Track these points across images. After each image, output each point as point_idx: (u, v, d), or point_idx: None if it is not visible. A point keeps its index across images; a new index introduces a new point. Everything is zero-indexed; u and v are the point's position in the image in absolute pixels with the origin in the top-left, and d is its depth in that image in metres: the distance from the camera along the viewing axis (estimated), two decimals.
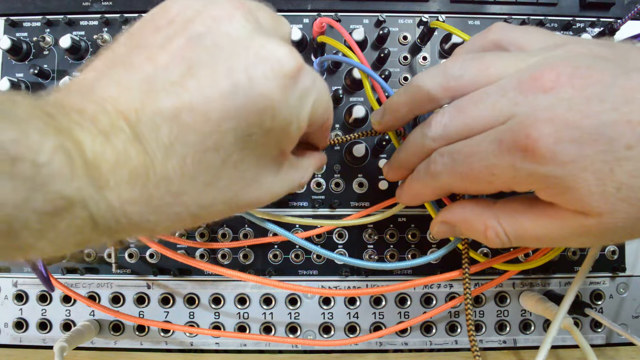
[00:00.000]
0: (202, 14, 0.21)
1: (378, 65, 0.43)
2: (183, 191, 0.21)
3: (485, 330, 0.44)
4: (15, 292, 0.43)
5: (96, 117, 0.19)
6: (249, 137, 0.21)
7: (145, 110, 0.19)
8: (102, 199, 0.18)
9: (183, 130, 0.20)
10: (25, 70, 0.43)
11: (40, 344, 0.43)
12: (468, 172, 0.25)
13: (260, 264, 0.43)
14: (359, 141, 0.42)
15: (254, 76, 0.20)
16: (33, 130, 0.16)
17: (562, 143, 0.21)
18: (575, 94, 0.22)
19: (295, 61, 0.21)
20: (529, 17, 0.43)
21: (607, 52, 0.24)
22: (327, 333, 0.44)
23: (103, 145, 0.18)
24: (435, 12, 0.44)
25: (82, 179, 0.17)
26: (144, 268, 0.43)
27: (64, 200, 0.17)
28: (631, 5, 0.44)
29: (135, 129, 0.19)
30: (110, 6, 0.43)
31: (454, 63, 0.27)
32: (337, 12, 0.43)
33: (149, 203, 0.20)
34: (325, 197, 0.43)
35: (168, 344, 0.44)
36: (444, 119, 0.27)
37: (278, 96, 0.21)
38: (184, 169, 0.20)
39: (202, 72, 0.20)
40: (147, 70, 0.20)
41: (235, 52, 0.21)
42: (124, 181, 0.19)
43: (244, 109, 0.20)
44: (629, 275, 0.44)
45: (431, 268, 0.43)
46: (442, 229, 0.32)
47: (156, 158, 0.19)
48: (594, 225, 0.23)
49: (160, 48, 0.21)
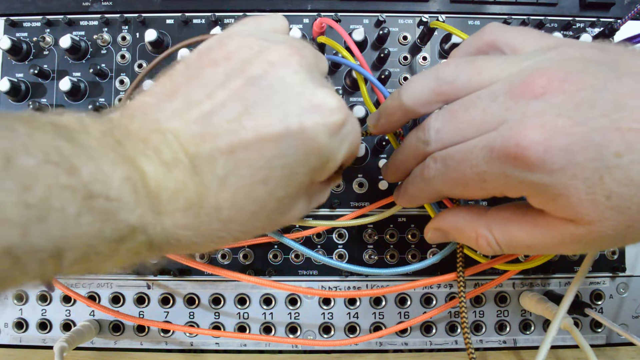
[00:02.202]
0: (259, 57, 0.23)
1: (378, 65, 0.43)
2: (230, 219, 0.22)
3: (485, 330, 0.44)
4: (15, 292, 0.43)
5: (159, 147, 0.20)
6: (295, 174, 0.23)
7: (205, 145, 0.21)
8: (159, 223, 0.20)
9: (237, 164, 0.21)
10: (25, 70, 0.43)
11: (40, 344, 0.43)
12: (460, 178, 0.26)
13: (260, 264, 0.43)
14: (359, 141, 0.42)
15: (306, 122, 0.22)
16: (105, 162, 0.18)
17: (552, 151, 0.21)
18: (566, 99, 0.22)
19: (342, 113, 0.23)
20: (529, 17, 0.43)
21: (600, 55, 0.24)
22: (327, 333, 0.44)
23: (165, 175, 0.20)
24: (435, 12, 0.44)
25: (145, 206, 0.19)
26: (144, 268, 0.43)
27: (129, 228, 0.19)
28: (631, 5, 0.44)
29: (193, 162, 0.21)
30: (110, 6, 0.43)
31: (446, 67, 0.27)
32: (337, 12, 0.43)
33: (198, 228, 0.22)
34: None
35: (168, 344, 0.44)
36: (437, 124, 0.27)
37: (324, 141, 0.23)
38: (235, 200, 0.22)
39: (258, 112, 0.22)
40: (207, 107, 0.22)
41: (289, 97, 0.22)
42: (180, 209, 0.21)
43: (294, 149, 0.22)
44: (629, 275, 0.44)
45: (432, 268, 0.43)
46: (435, 235, 0.32)
47: (211, 189, 0.21)
48: (584, 233, 0.23)
49: (220, 86, 0.22)
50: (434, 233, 0.32)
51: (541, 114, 0.22)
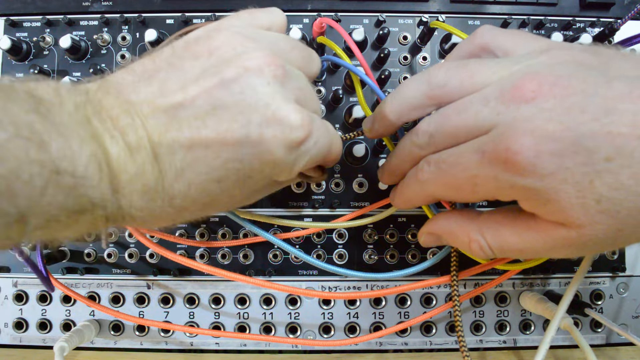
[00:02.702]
0: (238, 60, 0.23)
1: (378, 65, 0.43)
2: (183, 207, 0.24)
3: (485, 330, 0.44)
4: (15, 292, 0.43)
5: (126, 130, 0.21)
6: (249, 178, 0.24)
7: (167, 136, 0.22)
8: (116, 202, 0.21)
9: (194, 160, 0.22)
10: (25, 70, 0.43)
11: (40, 344, 0.43)
12: (452, 182, 0.26)
13: (260, 264, 0.43)
14: (359, 141, 0.42)
15: (266, 134, 0.23)
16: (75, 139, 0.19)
17: (542, 156, 0.21)
18: (557, 104, 0.22)
19: (304, 131, 0.24)
20: (529, 17, 0.43)
21: (591, 59, 0.24)
22: (327, 333, 0.44)
23: (127, 159, 0.21)
24: (435, 12, 0.44)
25: (106, 185, 0.20)
26: (144, 268, 0.43)
27: (90, 203, 0.20)
28: (631, 5, 0.44)
29: (155, 150, 0.22)
30: (110, 6, 0.43)
31: (437, 71, 0.27)
32: (337, 12, 0.43)
33: (153, 211, 0.23)
34: (325, 197, 0.43)
35: (168, 344, 0.44)
36: (430, 128, 0.27)
37: (280, 155, 0.24)
38: (188, 192, 0.23)
39: (224, 115, 0.22)
40: (178, 99, 0.22)
41: (256, 106, 0.23)
42: (137, 191, 0.22)
43: (250, 157, 0.23)
44: (629, 275, 0.44)
45: (434, 267, 0.43)
46: (429, 239, 0.33)
47: (167, 178, 0.22)
48: (575, 237, 0.23)
49: (195, 81, 0.23)
50: (427, 237, 0.33)
51: (532, 119, 0.22)
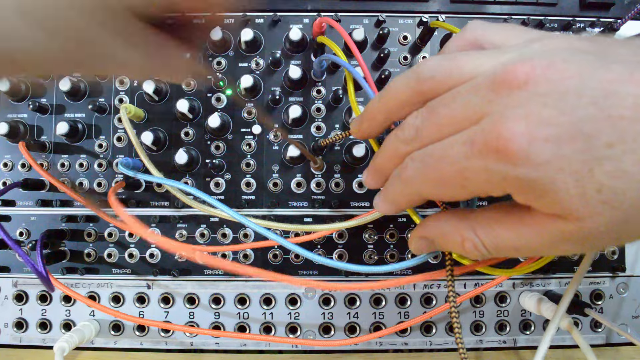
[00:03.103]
0: None
1: (378, 65, 0.43)
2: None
3: (485, 330, 0.44)
4: (15, 292, 0.43)
5: None
6: None
7: None
8: None
9: None
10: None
11: (40, 344, 0.43)
12: (439, 177, 0.24)
13: (260, 264, 0.43)
14: (359, 141, 0.42)
15: None
16: None
17: (537, 142, 0.20)
18: (551, 88, 0.20)
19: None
20: (529, 17, 0.43)
21: (587, 45, 0.23)
22: (327, 333, 0.44)
23: None
24: (435, 12, 0.44)
25: None
26: (144, 268, 0.43)
27: None
28: (631, 5, 0.44)
29: None
30: None
31: (425, 65, 0.26)
32: (337, 12, 0.43)
33: None
34: (325, 197, 0.43)
35: (168, 344, 0.44)
36: (416, 121, 0.25)
37: None
38: None
39: None
40: None
41: None
42: None
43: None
44: (629, 275, 0.44)
45: (434, 266, 0.43)
46: (420, 244, 0.30)
47: None
48: (574, 230, 0.21)
49: None
50: (419, 242, 0.30)
51: (525, 105, 0.20)
